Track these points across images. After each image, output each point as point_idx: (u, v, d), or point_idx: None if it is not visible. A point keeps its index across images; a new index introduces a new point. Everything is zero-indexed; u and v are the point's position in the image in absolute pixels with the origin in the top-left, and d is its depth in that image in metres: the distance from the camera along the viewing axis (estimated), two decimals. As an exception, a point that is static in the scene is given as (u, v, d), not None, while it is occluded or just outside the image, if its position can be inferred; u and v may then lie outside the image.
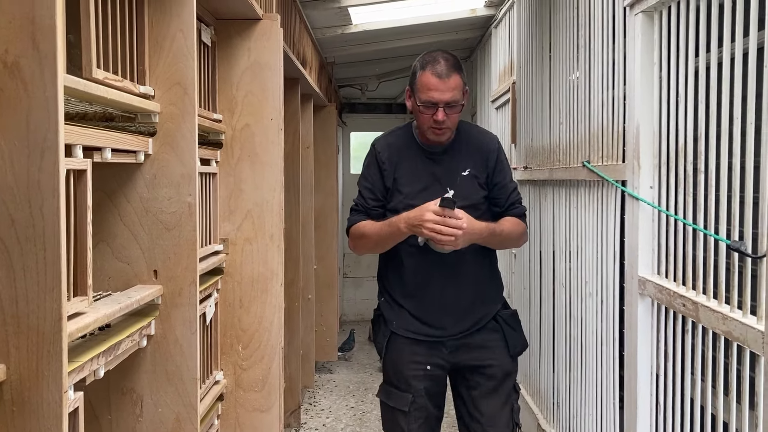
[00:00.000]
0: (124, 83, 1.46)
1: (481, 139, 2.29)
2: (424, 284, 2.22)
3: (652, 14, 1.89)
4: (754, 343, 1.34)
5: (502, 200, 2.24)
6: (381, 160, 2.24)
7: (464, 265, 2.19)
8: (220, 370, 2.31)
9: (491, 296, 2.30)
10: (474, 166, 2.20)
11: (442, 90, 2.07)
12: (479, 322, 2.25)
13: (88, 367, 1.29)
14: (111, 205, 1.63)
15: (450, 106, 2.08)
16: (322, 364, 5.28)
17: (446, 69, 2.07)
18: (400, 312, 2.27)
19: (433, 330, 2.22)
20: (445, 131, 2.14)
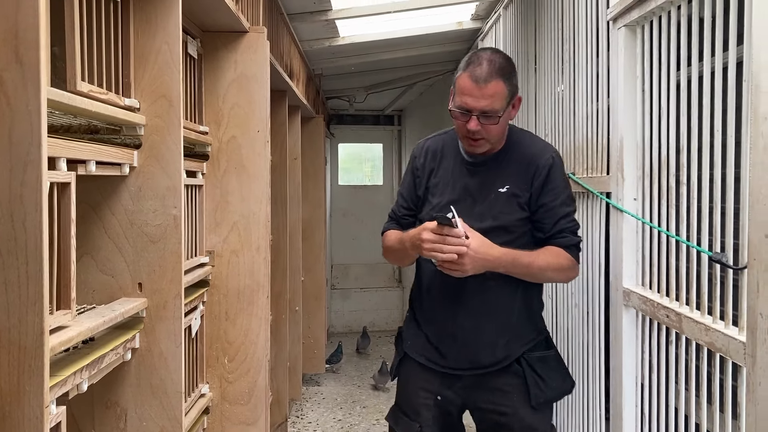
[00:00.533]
0: (109, 96, 1.46)
1: (531, 151, 1.93)
2: (441, 310, 1.97)
3: (635, 28, 1.92)
4: (736, 354, 1.35)
5: (547, 225, 1.90)
6: (416, 166, 2.04)
7: (488, 294, 1.91)
8: (206, 383, 2.30)
9: (520, 334, 1.95)
10: (515, 182, 1.90)
11: (476, 96, 1.79)
12: (501, 362, 1.93)
13: (71, 381, 1.28)
14: (95, 217, 1.63)
15: (486, 116, 1.80)
16: (310, 376, 5.26)
17: (486, 73, 1.78)
18: (417, 333, 2.05)
19: (447, 361, 1.97)
20: (480, 143, 1.86)
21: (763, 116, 1.22)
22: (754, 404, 1.26)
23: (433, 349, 1.98)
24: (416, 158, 2.04)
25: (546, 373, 1.92)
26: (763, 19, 1.22)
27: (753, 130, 1.25)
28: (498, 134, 1.86)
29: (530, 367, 1.92)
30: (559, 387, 1.95)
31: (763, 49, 1.22)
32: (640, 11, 1.82)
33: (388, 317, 7.21)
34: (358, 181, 7.48)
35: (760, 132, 1.23)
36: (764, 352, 1.23)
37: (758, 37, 1.24)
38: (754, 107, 1.25)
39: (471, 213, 1.86)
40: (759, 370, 1.24)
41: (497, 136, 1.87)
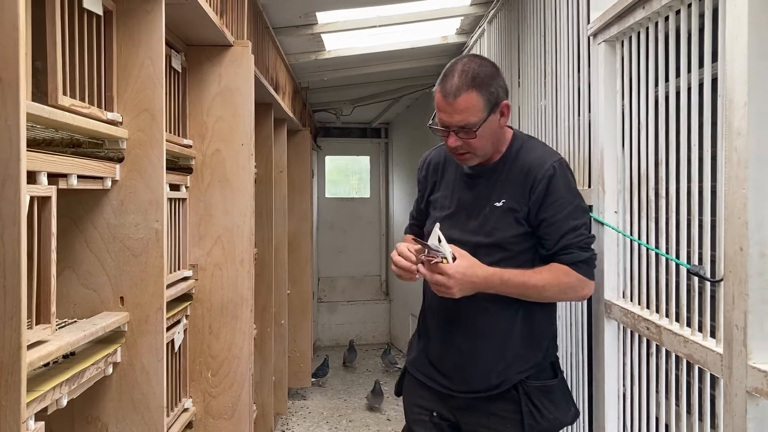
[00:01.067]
0: (91, 110, 1.46)
1: (531, 161, 1.78)
2: (439, 330, 1.90)
3: (614, 44, 1.95)
4: (714, 366, 1.36)
5: (549, 241, 1.76)
6: (418, 179, 2.00)
7: (485, 316, 1.80)
8: (189, 398, 2.29)
9: (521, 359, 1.82)
10: (512, 195, 1.77)
11: (449, 112, 1.70)
12: (498, 386, 1.82)
13: (50, 396, 1.27)
14: (77, 231, 1.62)
15: (463, 130, 1.71)
16: (296, 390, 5.24)
17: (456, 87, 1.68)
18: (418, 349, 1.98)
19: (444, 380, 1.89)
20: (467, 157, 1.77)
21: (736, 131, 1.24)
22: (731, 415, 1.27)
23: (431, 367, 1.91)
24: (419, 170, 2.00)
25: (543, 403, 1.80)
26: (736, 36, 1.25)
27: (727, 144, 1.28)
28: (482, 147, 1.75)
29: (527, 395, 1.80)
30: (557, 418, 1.82)
31: (736, 64, 1.25)
32: (619, 27, 1.85)
33: (375, 330, 7.19)
34: (345, 193, 7.49)
35: (734, 146, 1.25)
36: (740, 364, 1.24)
37: (732, 53, 1.26)
38: (728, 122, 1.28)
39: (465, 228, 1.79)
40: (735, 381, 1.26)
41: (482, 149, 1.76)
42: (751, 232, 1.21)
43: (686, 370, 1.54)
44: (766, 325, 1.20)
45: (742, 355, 1.23)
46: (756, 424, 1.21)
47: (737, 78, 1.24)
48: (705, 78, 1.43)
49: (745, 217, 1.22)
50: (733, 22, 1.26)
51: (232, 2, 2.39)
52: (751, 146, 1.21)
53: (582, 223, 1.77)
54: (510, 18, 3.21)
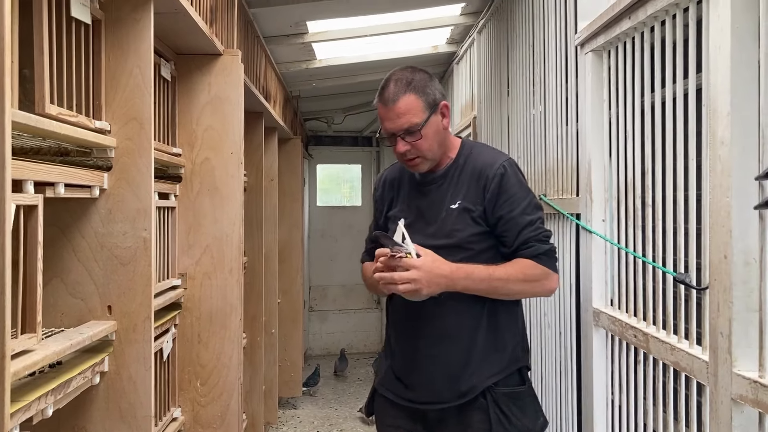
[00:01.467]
0: (78, 118, 1.46)
1: (482, 163, 1.81)
2: (405, 341, 1.86)
3: (601, 54, 1.96)
4: (700, 374, 1.37)
5: (509, 238, 1.76)
6: (375, 198, 2.00)
7: (448, 318, 1.78)
8: (178, 407, 2.27)
9: (489, 362, 1.78)
10: (467, 196, 1.79)
11: (391, 118, 1.75)
12: (465, 394, 1.77)
13: (36, 406, 1.27)
14: (65, 240, 1.62)
15: (409, 133, 1.74)
16: (287, 399, 5.21)
17: (393, 92, 1.74)
18: (385, 367, 1.94)
19: (412, 395, 1.84)
20: (417, 161, 1.79)
21: (720, 140, 1.25)
22: (717, 423, 1.28)
23: (398, 383, 1.87)
24: (375, 190, 2.01)
25: (512, 410, 1.77)
26: (719, 46, 1.26)
27: (711, 153, 1.29)
28: (430, 148, 1.77)
29: (495, 403, 1.76)
30: (525, 426, 1.78)
31: (719, 74, 1.26)
32: (605, 37, 1.86)
33: (367, 339, 7.18)
34: (336, 202, 7.49)
35: (718, 155, 1.26)
36: (725, 372, 1.25)
37: (715, 63, 1.28)
38: (712, 131, 1.29)
39: (425, 233, 1.79)
40: (721, 389, 1.27)
41: (430, 150, 1.78)
42: (735, 240, 1.22)
43: (673, 378, 1.54)
44: (751, 332, 1.21)
45: (727, 362, 1.24)
46: (741, 431, 1.22)
47: (720, 87, 1.26)
48: (690, 89, 1.44)
49: (729, 225, 1.23)
50: (716, 32, 1.27)
51: (221, 11, 2.40)
52: (735, 155, 1.22)
53: (537, 217, 1.78)
54: (499, 28, 3.24)
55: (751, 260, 1.21)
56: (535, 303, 2.67)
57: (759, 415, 1.19)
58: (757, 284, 1.20)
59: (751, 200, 1.20)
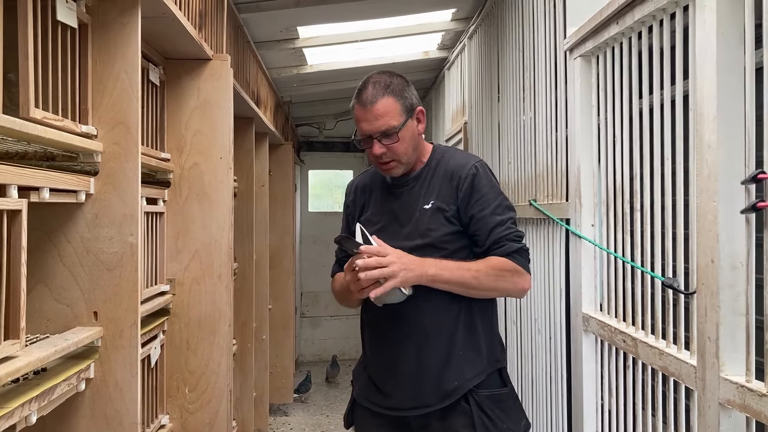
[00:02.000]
0: (64, 123, 1.45)
1: (454, 165, 1.82)
2: (381, 345, 1.84)
3: (590, 59, 1.97)
4: (688, 378, 1.37)
5: (481, 237, 1.76)
6: (346, 204, 2.00)
7: (424, 318, 1.76)
8: (166, 414, 2.26)
9: (469, 363, 1.77)
10: (440, 197, 1.79)
11: (369, 120, 1.74)
12: (447, 398, 1.75)
13: (19, 413, 1.25)
14: (50, 245, 1.61)
15: (386, 135, 1.74)
16: (278, 406, 5.19)
17: (371, 94, 1.74)
18: (363, 376, 1.91)
19: (392, 402, 1.81)
20: (392, 165, 1.79)
21: (707, 144, 1.26)
22: (705, 427, 1.27)
23: (378, 392, 1.84)
24: (347, 197, 2.00)
25: (496, 413, 1.75)
26: (705, 51, 1.27)
27: (698, 157, 1.29)
28: (405, 151, 1.78)
29: (479, 406, 1.75)
30: (510, 428, 1.76)
31: (706, 79, 1.26)
32: (594, 42, 1.87)
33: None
34: (328, 207, 7.48)
35: (704, 159, 1.27)
36: (713, 376, 1.25)
37: (702, 68, 1.28)
38: (699, 135, 1.29)
39: (399, 235, 1.78)
40: (708, 393, 1.26)
41: (406, 154, 1.78)
42: (722, 244, 1.22)
43: (662, 382, 1.54)
44: (738, 336, 1.21)
45: (715, 367, 1.24)
46: (729, 436, 1.22)
47: (707, 92, 1.26)
48: (677, 95, 1.45)
49: (716, 229, 1.23)
50: (702, 37, 1.27)
51: (211, 16, 2.39)
52: (721, 159, 1.22)
53: (509, 218, 1.78)
54: (490, 33, 3.24)
55: (738, 264, 1.21)
56: (526, 308, 2.67)
57: (746, 420, 1.18)
58: (743, 288, 1.20)
59: (738, 204, 1.20)
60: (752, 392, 1.13)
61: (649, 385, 1.62)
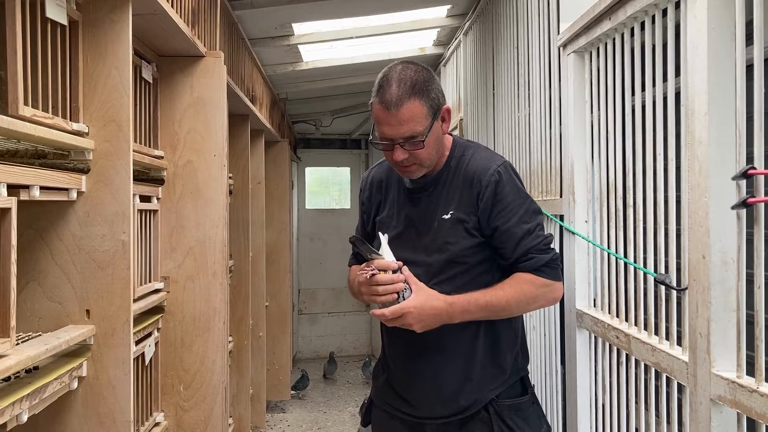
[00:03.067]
0: (54, 120, 1.44)
1: (475, 168, 1.67)
2: (401, 354, 1.76)
3: (583, 54, 1.96)
4: (680, 374, 1.37)
5: (507, 250, 1.63)
6: (362, 201, 1.86)
7: (446, 334, 1.66)
8: (161, 412, 2.25)
9: (488, 376, 1.70)
10: (460, 206, 1.66)
11: (392, 125, 1.58)
12: (467, 408, 1.69)
13: (9, 412, 1.25)
14: (42, 243, 1.60)
15: (410, 141, 1.59)
16: (275, 403, 5.19)
17: (397, 96, 1.57)
18: (383, 380, 1.84)
19: (410, 409, 1.75)
20: (413, 168, 1.65)
21: (698, 140, 1.25)
22: (697, 423, 1.28)
23: (396, 396, 1.78)
24: (362, 192, 1.86)
25: (516, 422, 1.69)
26: (696, 47, 1.26)
27: (689, 153, 1.29)
28: (429, 156, 1.64)
29: (498, 416, 1.68)
30: None
31: (696, 74, 1.26)
32: (587, 38, 1.86)
33: (356, 342, 7.16)
34: (325, 204, 7.47)
35: (696, 155, 1.26)
36: (704, 372, 1.25)
37: (692, 64, 1.28)
38: (690, 131, 1.29)
39: (417, 246, 1.69)
40: (700, 389, 1.26)
41: (429, 158, 1.65)
42: (713, 240, 1.22)
43: (655, 378, 1.54)
44: (729, 332, 1.21)
45: (706, 363, 1.24)
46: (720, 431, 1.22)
47: (698, 87, 1.26)
48: (669, 92, 1.45)
49: (707, 225, 1.23)
50: (693, 33, 1.27)
51: (204, 13, 2.38)
52: (712, 155, 1.22)
53: (536, 224, 1.64)
54: (485, 29, 3.24)
55: (729, 260, 1.21)
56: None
57: (737, 416, 1.18)
58: (734, 284, 1.20)
59: (729, 200, 1.19)
60: (743, 388, 1.13)
61: (642, 381, 1.62)
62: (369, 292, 1.58)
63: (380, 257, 1.56)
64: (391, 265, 1.55)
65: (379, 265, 1.55)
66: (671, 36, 1.44)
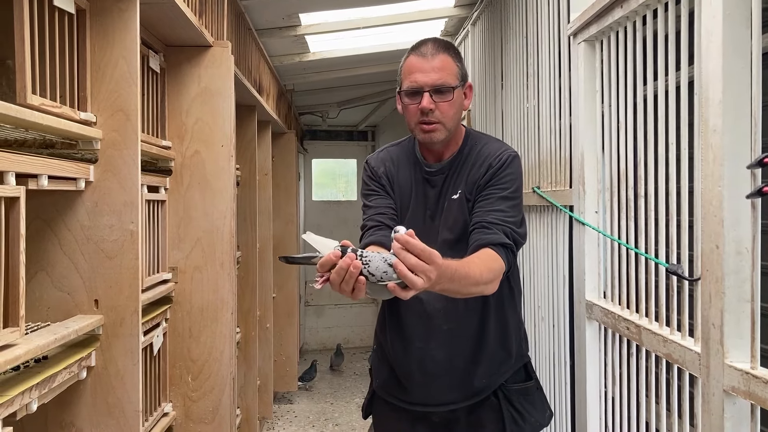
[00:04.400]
0: (62, 109, 1.44)
1: (488, 151, 1.69)
2: (407, 341, 1.74)
3: (594, 43, 1.94)
4: (692, 365, 1.36)
5: (478, 214, 1.61)
6: (378, 175, 1.78)
7: (457, 316, 1.66)
8: (169, 402, 2.26)
9: (498, 360, 1.71)
10: (467, 185, 1.68)
11: (426, 71, 1.61)
12: (480, 392, 1.71)
13: (19, 401, 1.25)
14: (51, 233, 1.60)
15: (439, 92, 1.61)
16: (282, 394, 5.20)
17: (433, 47, 1.63)
18: (382, 367, 1.83)
19: (416, 398, 1.75)
20: (436, 128, 1.64)
21: (712, 128, 1.24)
22: (709, 414, 1.26)
23: (401, 387, 1.77)
24: (375, 168, 1.79)
25: (525, 407, 1.71)
26: (711, 33, 1.24)
27: (703, 142, 1.27)
28: (452, 118, 1.65)
29: (507, 400, 1.70)
30: (537, 421, 1.73)
31: (711, 61, 1.24)
32: (598, 26, 1.84)
33: (363, 333, 7.17)
34: (332, 196, 7.47)
35: (709, 144, 1.25)
36: (717, 363, 1.23)
37: (707, 51, 1.26)
38: (704, 119, 1.27)
39: (432, 231, 1.68)
40: (713, 380, 1.25)
41: (452, 120, 1.65)
42: (727, 230, 1.21)
43: (666, 370, 1.53)
44: (743, 323, 1.20)
45: (719, 354, 1.23)
46: (733, 423, 1.21)
47: (712, 75, 1.24)
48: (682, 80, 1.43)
49: (720, 215, 1.22)
50: (708, 19, 1.25)
51: (211, 3, 2.37)
52: (726, 143, 1.20)
53: (513, 215, 1.61)
54: (493, 19, 3.21)
55: (743, 250, 1.20)
56: (529, 296, 2.66)
57: (751, 407, 1.17)
58: (749, 274, 1.19)
59: (743, 189, 1.18)
60: (757, 379, 1.12)
61: (653, 373, 1.61)
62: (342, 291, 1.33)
63: (316, 257, 1.34)
64: (330, 258, 1.30)
65: (322, 266, 1.31)
66: (685, 23, 1.42)
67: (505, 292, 1.71)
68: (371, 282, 1.28)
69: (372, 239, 1.64)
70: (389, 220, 1.69)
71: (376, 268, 1.27)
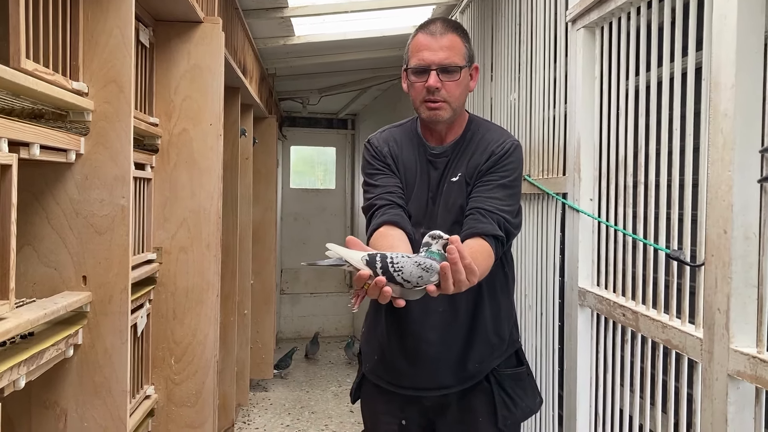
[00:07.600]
0: (55, 77, 1.38)
1: (491, 137, 1.70)
2: (401, 324, 1.73)
3: (594, 30, 1.93)
4: (693, 351, 1.36)
5: (476, 199, 1.62)
6: (383, 154, 1.76)
7: (451, 305, 1.67)
8: (151, 384, 2.21)
9: (491, 345, 1.72)
10: (468, 169, 1.68)
11: (434, 49, 1.62)
12: (473, 376, 1.72)
13: (7, 377, 1.20)
14: (38, 206, 1.54)
15: (446, 71, 1.62)
16: (257, 381, 5.16)
17: (442, 26, 1.64)
18: (374, 353, 1.81)
19: (408, 382, 1.75)
20: (441, 106, 1.64)
21: (723, 113, 1.23)
22: (711, 399, 1.27)
23: (392, 370, 1.76)
24: (379, 147, 1.77)
25: (516, 392, 1.73)
26: (725, 16, 1.24)
27: (712, 127, 1.27)
28: (458, 97, 1.65)
29: (499, 385, 1.72)
30: (528, 406, 1.75)
31: (723, 46, 1.24)
32: (599, 12, 1.83)
33: (338, 323, 7.14)
34: (310, 184, 7.41)
35: (719, 128, 1.24)
36: (722, 348, 1.23)
37: (719, 35, 1.25)
38: (713, 104, 1.27)
39: (433, 213, 1.69)
40: (716, 365, 1.25)
41: (458, 100, 1.66)
42: (736, 215, 1.21)
43: (663, 356, 1.53)
44: (749, 308, 1.20)
45: (725, 338, 1.23)
46: (737, 407, 1.21)
47: (724, 59, 1.23)
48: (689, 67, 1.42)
49: (729, 200, 1.21)
50: (721, 2, 1.24)
51: (202, -23, 2.32)
52: (738, 128, 1.20)
53: (510, 203, 1.63)
54: (484, 7, 3.19)
55: (751, 234, 1.20)
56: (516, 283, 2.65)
57: (756, 391, 1.18)
58: (756, 259, 1.19)
59: (754, 174, 1.18)
60: (764, 363, 1.12)
61: (649, 359, 1.61)
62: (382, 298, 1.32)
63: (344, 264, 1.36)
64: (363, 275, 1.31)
65: (358, 281, 1.33)
66: (694, 7, 1.41)
67: (500, 278, 1.74)
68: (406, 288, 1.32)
69: (385, 218, 1.64)
70: (398, 198, 1.69)
71: (410, 274, 1.30)
